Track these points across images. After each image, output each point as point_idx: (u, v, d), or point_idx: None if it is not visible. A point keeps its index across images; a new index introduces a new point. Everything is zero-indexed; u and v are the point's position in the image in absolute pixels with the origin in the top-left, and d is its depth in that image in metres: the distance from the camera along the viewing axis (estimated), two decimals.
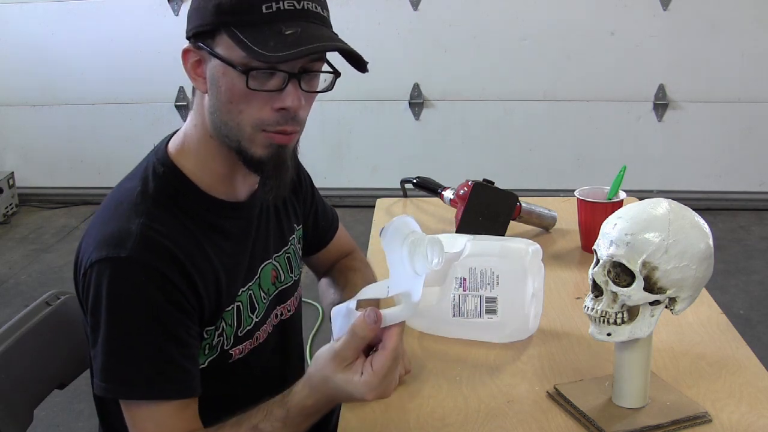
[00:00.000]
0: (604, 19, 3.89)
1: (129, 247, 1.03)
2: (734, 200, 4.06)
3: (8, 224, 4.17)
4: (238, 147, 1.07)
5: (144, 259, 1.03)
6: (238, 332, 1.18)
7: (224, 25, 1.01)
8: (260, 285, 1.22)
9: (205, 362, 1.15)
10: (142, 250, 1.03)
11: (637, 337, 1.05)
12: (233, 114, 1.05)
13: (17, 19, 4.19)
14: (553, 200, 1.86)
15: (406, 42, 4.03)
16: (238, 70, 1.02)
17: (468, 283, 1.29)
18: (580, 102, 4.03)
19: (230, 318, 1.16)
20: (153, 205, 1.09)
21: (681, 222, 1.02)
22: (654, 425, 1.07)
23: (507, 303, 1.28)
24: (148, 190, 1.10)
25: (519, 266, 1.28)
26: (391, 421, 1.12)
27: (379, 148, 4.19)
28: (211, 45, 1.04)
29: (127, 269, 1.03)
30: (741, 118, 3.96)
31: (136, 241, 1.04)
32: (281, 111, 1.05)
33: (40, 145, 4.41)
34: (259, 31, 1.00)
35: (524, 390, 1.17)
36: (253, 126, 1.05)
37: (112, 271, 1.03)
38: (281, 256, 1.28)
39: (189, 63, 1.08)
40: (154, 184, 1.11)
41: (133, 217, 1.06)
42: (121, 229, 1.05)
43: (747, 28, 3.82)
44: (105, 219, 1.09)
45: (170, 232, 1.07)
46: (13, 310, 1.28)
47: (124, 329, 1.04)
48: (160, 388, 1.05)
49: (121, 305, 1.03)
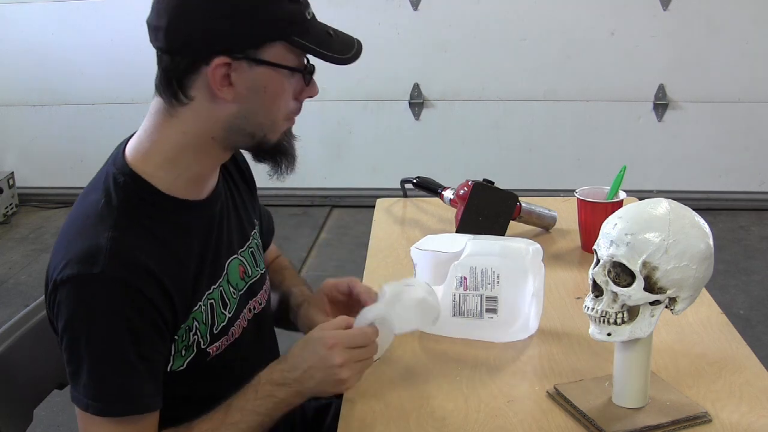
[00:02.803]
0: (604, 19, 3.89)
1: (101, 263, 1.02)
2: (734, 200, 4.06)
3: (8, 224, 4.17)
4: (260, 140, 1.13)
5: (118, 275, 1.03)
6: (213, 329, 1.19)
7: (282, 36, 1.08)
8: (229, 281, 1.22)
9: (183, 364, 1.15)
10: (114, 266, 1.03)
11: (637, 337, 1.05)
12: (273, 113, 1.12)
13: (17, 19, 4.19)
14: (553, 200, 1.85)
15: (406, 42, 4.03)
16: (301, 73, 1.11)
17: (468, 282, 1.29)
18: (580, 102, 4.03)
19: (203, 316, 1.16)
20: (120, 217, 1.08)
21: (681, 222, 1.02)
22: (654, 425, 1.07)
23: (508, 302, 1.28)
24: (112, 202, 1.09)
25: (520, 265, 1.28)
26: (391, 421, 1.12)
27: (379, 148, 4.19)
28: (255, 55, 1.07)
29: (100, 286, 1.03)
30: (741, 118, 3.96)
31: (107, 256, 1.03)
32: (300, 98, 1.14)
33: (40, 145, 4.41)
34: (318, 37, 1.10)
35: (524, 390, 1.17)
36: (285, 118, 1.14)
37: (84, 289, 1.03)
38: (245, 251, 1.29)
39: (219, 76, 1.06)
40: (117, 194, 1.10)
41: (102, 231, 1.05)
42: (90, 245, 1.04)
43: (747, 28, 3.82)
44: (72, 235, 1.08)
45: (141, 243, 1.07)
46: (13, 310, 1.28)
47: (97, 346, 1.04)
48: (122, 407, 1.06)
49: (96, 323, 1.03)
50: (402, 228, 1.84)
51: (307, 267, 3.55)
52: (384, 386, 1.20)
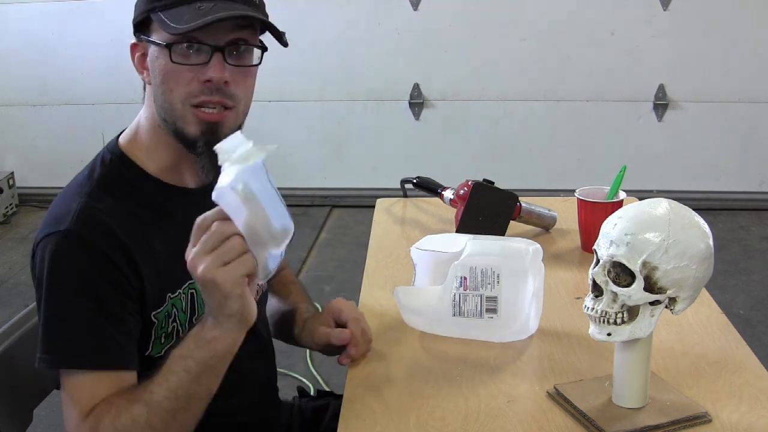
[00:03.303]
0: (604, 19, 3.89)
1: (67, 222, 1.08)
2: (734, 200, 4.06)
3: (8, 224, 4.17)
4: (175, 128, 1.14)
5: (81, 234, 1.08)
6: (193, 319, 1.19)
7: (152, 11, 1.11)
8: None
9: (162, 351, 1.15)
10: (80, 225, 1.08)
11: (637, 337, 1.05)
12: (166, 94, 1.12)
13: (17, 19, 4.19)
14: (553, 200, 1.85)
15: (406, 42, 4.03)
16: (162, 47, 1.11)
17: (468, 282, 1.29)
18: (580, 102, 4.03)
19: (182, 304, 1.17)
20: (97, 187, 1.14)
21: (681, 222, 1.02)
22: (654, 425, 1.07)
23: (508, 302, 1.28)
24: (93, 174, 1.16)
25: (520, 265, 1.28)
26: (391, 421, 1.12)
27: (379, 148, 4.19)
28: (148, 34, 1.14)
29: (65, 243, 1.07)
30: (741, 118, 3.96)
31: (74, 216, 1.08)
32: (207, 83, 1.11)
33: (40, 145, 4.41)
34: (178, 11, 1.09)
35: (524, 390, 1.17)
36: (183, 101, 1.12)
37: (52, 246, 1.08)
38: None
39: (136, 57, 1.17)
40: (101, 169, 1.17)
41: (76, 198, 1.11)
42: (63, 209, 1.11)
43: (747, 28, 3.83)
44: (55, 202, 1.15)
45: (111, 211, 1.11)
46: (13, 310, 1.28)
47: (59, 300, 1.07)
48: (91, 358, 1.07)
49: (57, 278, 1.07)
50: (402, 228, 1.84)
51: (307, 267, 3.55)
52: (384, 386, 1.20)
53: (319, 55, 4.06)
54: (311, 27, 4.03)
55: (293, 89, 4.13)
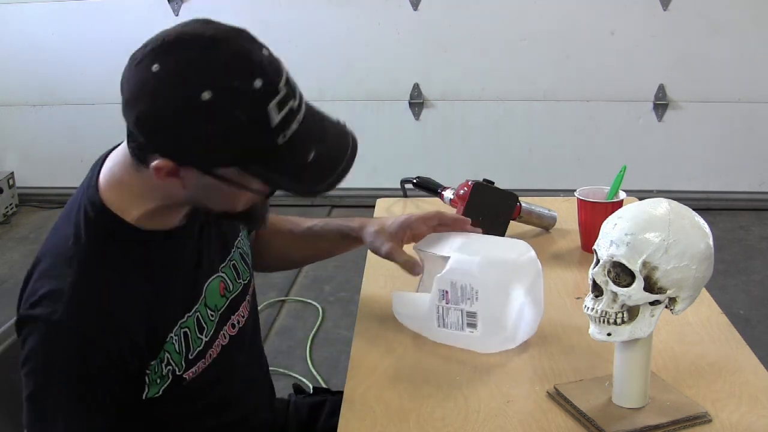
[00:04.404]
0: (604, 19, 3.89)
1: (60, 311, 1.01)
2: (734, 200, 4.06)
3: (8, 224, 4.17)
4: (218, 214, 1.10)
5: (75, 326, 1.02)
6: (189, 356, 1.15)
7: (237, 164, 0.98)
8: (206, 304, 1.18)
9: (159, 391, 1.12)
10: (73, 316, 1.01)
11: (637, 337, 1.05)
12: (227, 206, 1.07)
13: (17, 19, 4.19)
14: (553, 200, 1.85)
15: (406, 42, 4.03)
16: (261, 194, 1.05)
17: (450, 296, 1.27)
18: (580, 102, 4.02)
19: (174, 347, 1.12)
20: (87, 257, 1.06)
21: (681, 222, 1.02)
22: (654, 425, 1.07)
23: (488, 317, 1.25)
24: (80, 240, 1.07)
25: (503, 278, 1.25)
26: (391, 421, 1.12)
27: (379, 148, 4.18)
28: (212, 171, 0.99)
29: (58, 335, 1.02)
30: (741, 118, 3.96)
31: (67, 304, 1.02)
32: None
33: (40, 145, 4.41)
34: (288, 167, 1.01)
35: (524, 390, 1.17)
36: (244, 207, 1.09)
37: (42, 334, 1.02)
38: (226, 265, 1.25)
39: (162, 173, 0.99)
40: (87, 230, 1.07)
41: (66, 273, 1.04)
42: (53, 288, 1.04)
43: (747, 28, 3.82)
44: (42, 269, 1.08)
45: (105, 287, 1.05)
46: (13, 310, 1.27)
47: (51, 394, 1.03)
48: None
49: (49, 372, 1.03)
50: None
51: (306, 267, 3.55)
52: (384, 386, 1.20)
53: (319, 55, 4.06)
54: (311, 27, 4.03)
55: None
